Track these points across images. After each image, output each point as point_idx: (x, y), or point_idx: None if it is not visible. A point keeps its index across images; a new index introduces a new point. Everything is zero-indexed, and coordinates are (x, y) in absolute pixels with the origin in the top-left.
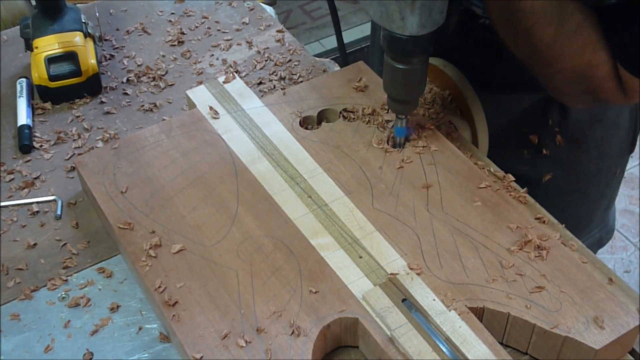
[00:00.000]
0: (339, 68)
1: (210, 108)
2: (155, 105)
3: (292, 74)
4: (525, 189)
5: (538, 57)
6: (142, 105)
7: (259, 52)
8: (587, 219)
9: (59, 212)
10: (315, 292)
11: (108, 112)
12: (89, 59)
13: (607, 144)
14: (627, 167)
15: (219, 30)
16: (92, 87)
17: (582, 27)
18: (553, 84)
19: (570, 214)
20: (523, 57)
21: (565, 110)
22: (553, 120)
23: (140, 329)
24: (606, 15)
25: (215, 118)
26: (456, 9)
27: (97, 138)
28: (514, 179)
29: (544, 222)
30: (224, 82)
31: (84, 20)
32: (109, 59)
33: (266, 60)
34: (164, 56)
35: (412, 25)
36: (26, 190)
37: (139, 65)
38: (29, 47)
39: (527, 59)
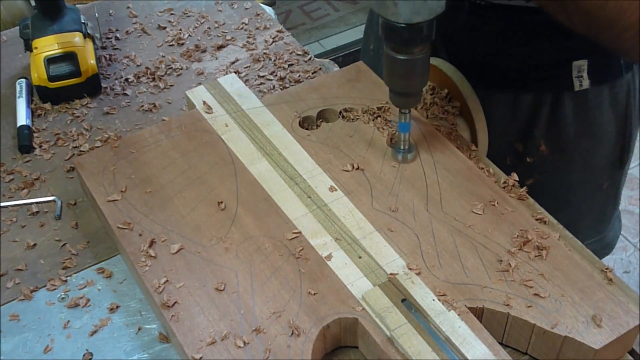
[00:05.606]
0: (338, 68)
1: (204, 103)
2: (155, 106)
3: (292, 74)
4: (525, 188)
5: (597, 24)
6: (142, 106)
7: (258, 52)
8: (572, 228)
9: (58, 213)
10: (314, 293)
11: (107, 113)
12: (88, 59)
13: (593, 158)
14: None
15: (218, 30)
16: (91, 87)
17: None
18: (624, 47)
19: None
20: (583, 30)
21: (551, 120)
22: (538, 130)
23: (139, 329)
24: None
25: (209, 113)
26: None
27: (97, 138)
28: (517, 179)
29: (544, 222)
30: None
31: (83, 21)
32: (109, 59)
33: (265, 61)
34: (163, 56)
35: (405, 11)
36: (26, 190)
37: (138, 66)
38: (28, 48)
39: (589, 30)
